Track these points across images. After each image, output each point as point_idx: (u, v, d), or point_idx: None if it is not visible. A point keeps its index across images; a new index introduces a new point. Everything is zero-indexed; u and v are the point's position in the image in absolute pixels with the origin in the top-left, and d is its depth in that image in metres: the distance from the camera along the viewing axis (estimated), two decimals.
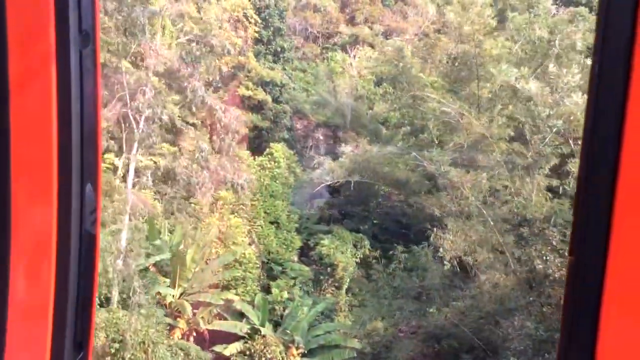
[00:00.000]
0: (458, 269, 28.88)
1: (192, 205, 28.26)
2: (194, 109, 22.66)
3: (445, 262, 28.75)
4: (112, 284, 20.58)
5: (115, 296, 20.88)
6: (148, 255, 23.87)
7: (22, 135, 1.62)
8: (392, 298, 28.43)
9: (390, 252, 32.07)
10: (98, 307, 19.93)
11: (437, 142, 34.17)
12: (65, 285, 1.68)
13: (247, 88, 39.40)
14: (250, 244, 31.10)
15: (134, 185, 23.90)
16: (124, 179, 27.29)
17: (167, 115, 21.81)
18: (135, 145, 21.62)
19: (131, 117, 21.80)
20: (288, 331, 26.41)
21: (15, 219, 1.63)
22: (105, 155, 31.29)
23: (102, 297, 20.73)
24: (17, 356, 1.69)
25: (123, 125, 22.27)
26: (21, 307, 1.68)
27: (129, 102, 21.81)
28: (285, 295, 29.57)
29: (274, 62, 43.31)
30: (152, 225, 22.91)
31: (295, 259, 35.32)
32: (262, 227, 33.76)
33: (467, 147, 29.71)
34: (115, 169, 30.68)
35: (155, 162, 23.62)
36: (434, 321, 26.13)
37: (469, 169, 27.66)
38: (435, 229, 29.99)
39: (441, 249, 28.65)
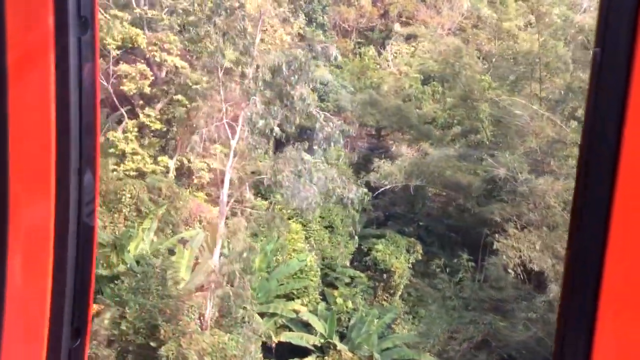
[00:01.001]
0: (531, 279, 27.75)
1: (251, 209, 27.03)
2: (297, 118, 21.31)
3: (509, 270, 27.70)
4: (207, 304, 19.36)
5: (210, 315, 19.59)
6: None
7: (20, 124, 1.58)
8: (463, 309, 27.25)
9: (455, 260, 30.87)
10: (199, 328, 18.79)
11: (496, 145, 32.86)
12: (63, 273, 1.66)
13: None
14: (310, 250, 29.86)
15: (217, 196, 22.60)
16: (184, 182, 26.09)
17: (275, 124, 20.48)
18: (231, 155, 20.32)
19: (226, 126, 20.48)
20: (365, 346, 25.04)
21: (12, 208, 1.61)
22: (159, 158, 30.07)
23: (200, 317, 19.52)
24: (15, 343, 1.68)
25: (217, 135, 20.97)
26: (19, 295, 1.66)
27: (224, 109, 20.48)
28: (350, 304, 28.33)
29: (317, 59, 41.92)
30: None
31: (348, 264, 34.18)
32: (316, 232, 32.56)
33: (540, 151, 28.41)
34: (167, 171, 29.49)
35: (247, 174, 22.37)
36: (515, 335, 24.97)
37: (545, 175, 26.36)
38: (497, 235, 28.87)
39: (504, 256, 27.57)
